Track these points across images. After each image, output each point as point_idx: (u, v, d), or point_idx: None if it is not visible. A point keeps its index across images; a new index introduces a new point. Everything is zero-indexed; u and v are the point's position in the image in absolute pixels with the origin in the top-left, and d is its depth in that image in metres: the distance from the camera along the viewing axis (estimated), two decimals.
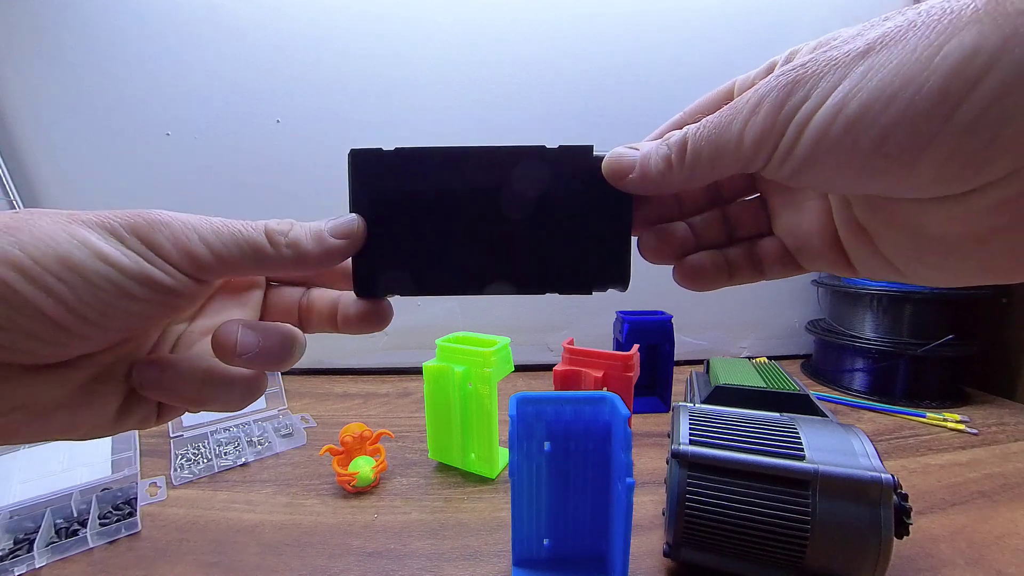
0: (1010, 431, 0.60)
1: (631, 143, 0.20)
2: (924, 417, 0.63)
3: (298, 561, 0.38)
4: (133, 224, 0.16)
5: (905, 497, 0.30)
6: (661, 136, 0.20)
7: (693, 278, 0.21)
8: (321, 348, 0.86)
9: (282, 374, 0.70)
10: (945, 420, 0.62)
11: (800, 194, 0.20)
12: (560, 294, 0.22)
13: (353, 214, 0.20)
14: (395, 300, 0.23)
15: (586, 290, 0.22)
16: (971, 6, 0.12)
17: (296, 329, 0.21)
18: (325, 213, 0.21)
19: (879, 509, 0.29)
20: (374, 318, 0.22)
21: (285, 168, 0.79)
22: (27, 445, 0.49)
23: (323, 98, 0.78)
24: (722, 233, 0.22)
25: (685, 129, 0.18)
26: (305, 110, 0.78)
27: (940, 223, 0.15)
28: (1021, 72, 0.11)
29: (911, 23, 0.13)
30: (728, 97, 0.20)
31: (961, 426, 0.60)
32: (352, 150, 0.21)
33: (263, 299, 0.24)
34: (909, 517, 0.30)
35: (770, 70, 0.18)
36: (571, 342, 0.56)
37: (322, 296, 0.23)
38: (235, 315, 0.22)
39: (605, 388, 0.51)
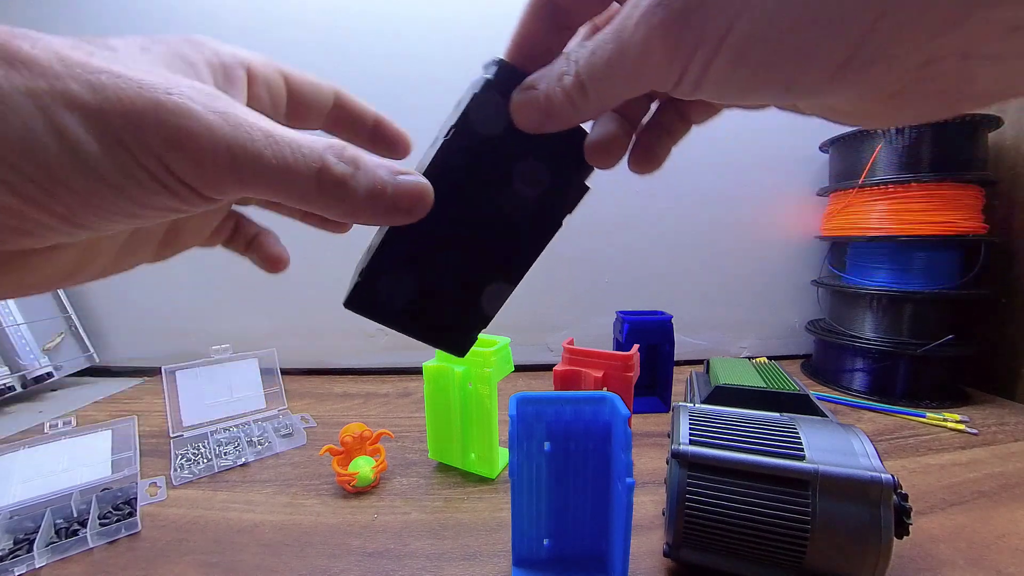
0: (1010, 431, 0.60)
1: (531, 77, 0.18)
2: (924, 417, 0.63)
3: (298, 561, 0.38)
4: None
5: (905, 497, 0.30)
6: (534, 17, 0.18)
7: (645, 159, 0.20)
8: (322, 348, 0.87)
9: (282, 374, 0.70)
10: (945, 420, 0.62)
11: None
12: (545, 245, 0.22)
13: (424, 179, 0.17)
14: None
15: (557, 225, 0.21)
16: None
17: None
18: None
19: (879, 509, 0.29)
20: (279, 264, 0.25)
21: None
22: (27, 445, 0.49)
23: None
24: (645, 109, 0.20)
25: (573, 59, 0.16)
26: None
27: (847, 103, 0.14)
28: None
29: None
30: None
31: (961, 426, 0.60)
32: None
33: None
34: (909, 517, 0.30)
35: None
36: (571, 342, 0.56)
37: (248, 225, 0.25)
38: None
39: (605, 388, 0.51)
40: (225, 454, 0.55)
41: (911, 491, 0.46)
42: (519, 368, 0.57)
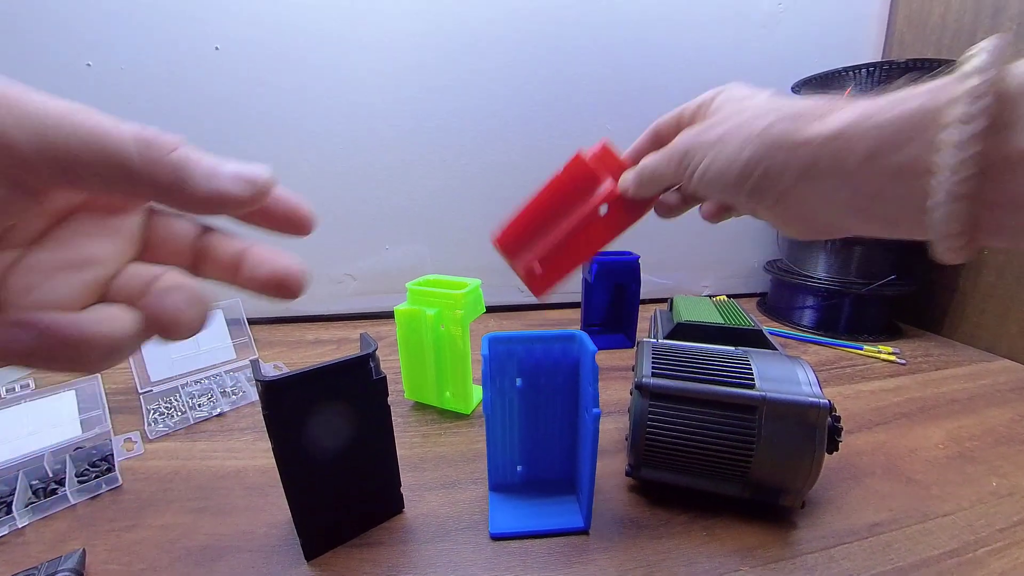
0: (933, 361, 0.67)
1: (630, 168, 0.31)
2: (861, 350, 0.69)
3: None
4: None
5: (838, 419, 0.34)
6: (645, 140, 0.33)
7: (669, 214, 0.34)
8: None
9: (249, 323, 0.69)
10: (879, 352, 0.68)
11: None
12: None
13: (265, 166, 0.16)
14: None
15: (387, 409, 0.38)
16: (756, 130, 0.24)
17: (207, 297, 0.16)
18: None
19: (815, 429, 0.33)
20: (287, 286, 0.17)
21: (225, 102, 0.73)
22: None
23: (269, 21, 0.71)
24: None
25: (641, 165, 0.30)
26: (248, 36, 0.71)
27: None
28: (778, 169, 0.23)
29: (735, 129, 0.25)
30: (677, 123, 0.31)
31: (892, 357, 0.67)
32: None
33: (143, 228, 0.17)
34: (840, 436, 0.34)
35: (692, 118, 0.30)
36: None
37: (224, 243, 0.18)
38: (102, 247, 0.16)
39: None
40: (199, 406, 0.55)
41: (844, 414, 0.51)
42: (490, 309, 0.58)
